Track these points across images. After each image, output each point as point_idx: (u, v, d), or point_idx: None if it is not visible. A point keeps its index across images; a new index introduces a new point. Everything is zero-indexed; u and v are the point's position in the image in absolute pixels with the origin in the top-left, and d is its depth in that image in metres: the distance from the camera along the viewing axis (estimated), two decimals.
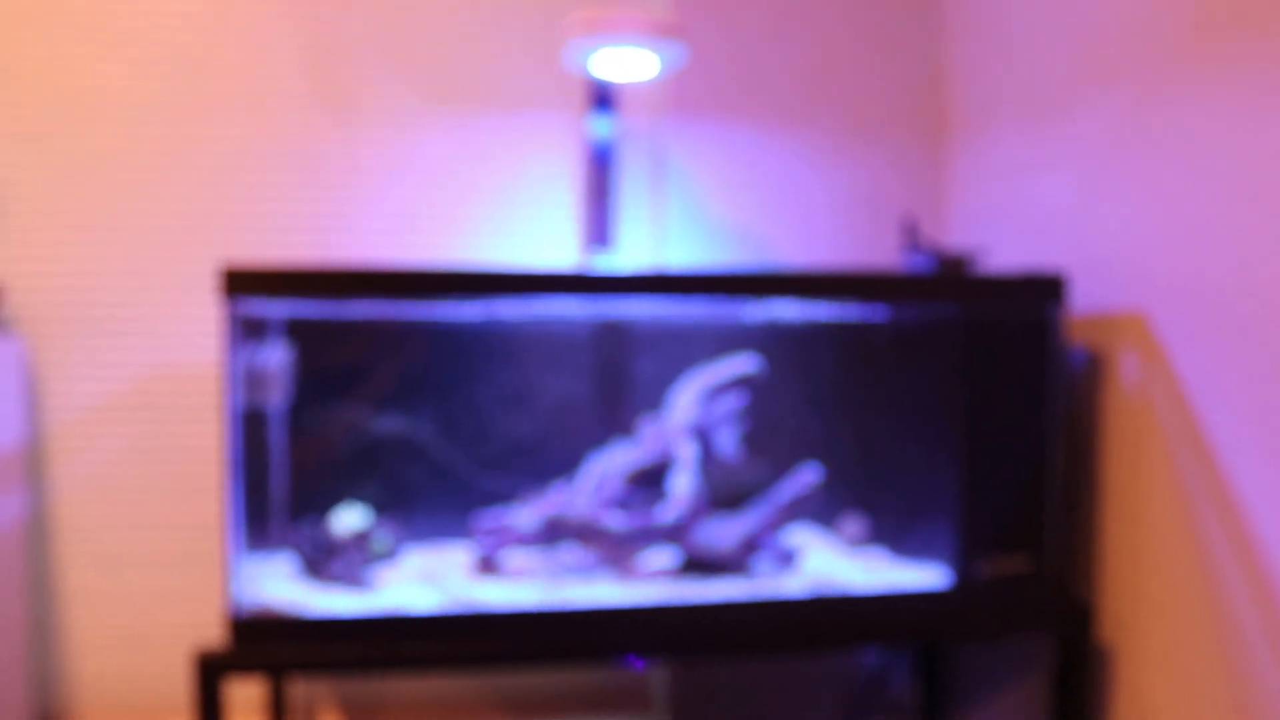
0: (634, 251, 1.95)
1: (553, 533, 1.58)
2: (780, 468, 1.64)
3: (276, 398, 1.54)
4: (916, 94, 2.07)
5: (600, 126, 1.80)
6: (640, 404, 1.73)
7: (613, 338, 1.80)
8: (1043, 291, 1.56)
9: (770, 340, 1.74)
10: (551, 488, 1.63)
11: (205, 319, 1.83)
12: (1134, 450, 1.55)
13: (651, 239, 1.98)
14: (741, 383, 1.66)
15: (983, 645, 1.94)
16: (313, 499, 1.63)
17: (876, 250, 2.03)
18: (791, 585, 1.54)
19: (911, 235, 1.71)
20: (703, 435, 1.63)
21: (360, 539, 1.57)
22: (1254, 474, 1.34)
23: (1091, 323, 1.64)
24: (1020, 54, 1.83)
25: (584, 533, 1.58)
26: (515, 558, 1.61)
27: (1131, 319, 1.55)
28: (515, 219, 1.93)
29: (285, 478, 1.61)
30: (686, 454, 1.60)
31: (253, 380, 1.51)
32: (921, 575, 1.59)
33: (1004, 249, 1.86)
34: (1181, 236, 1.45)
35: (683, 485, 1.58)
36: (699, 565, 1.59)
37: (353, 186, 1.89)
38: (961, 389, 1.55)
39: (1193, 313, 1.43)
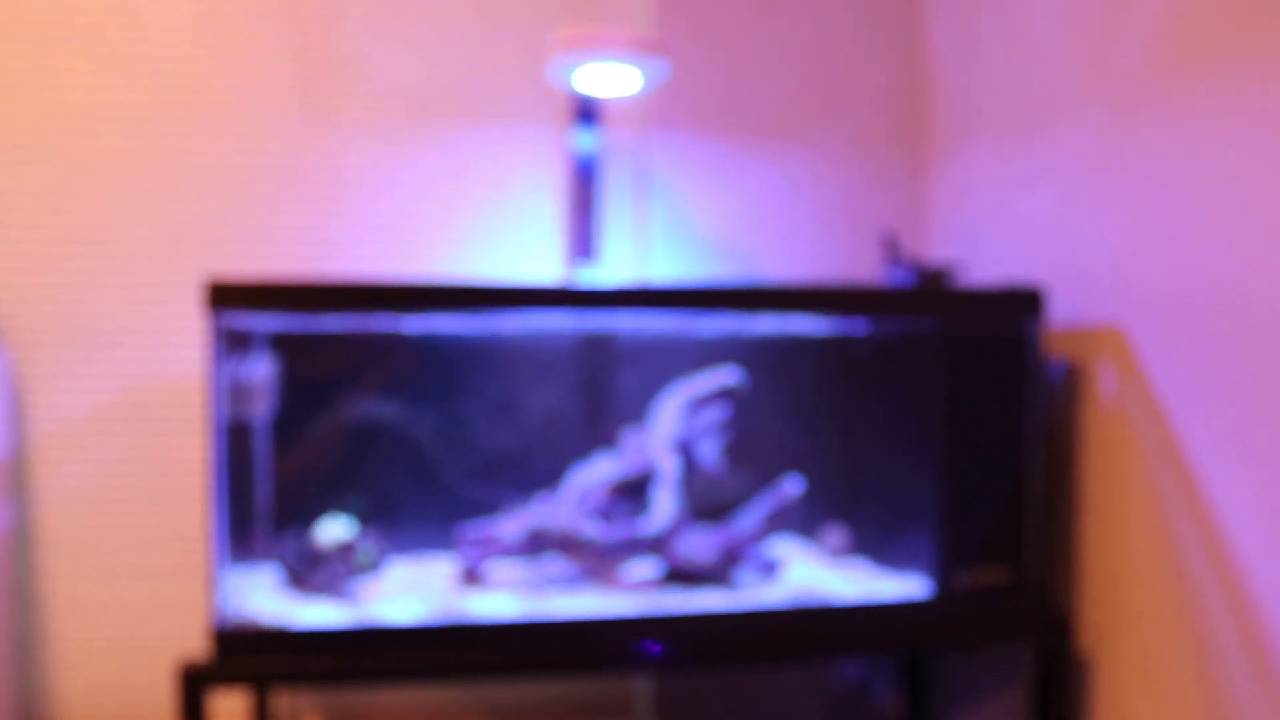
0: (617, 265, 1.97)
1: (536, 544, 1.59)
2: (762, 479, 1.66)
3: (261, 410, 1.55)
4: (898, 109, 2.09)
5: (584, 141, 1.82)
6: (623, 416, 1.74)
7: (596, 350, 1.81)
8: (1021, 305, 1.57)
9: (752, 353, 1.75)
10: (535, 499, 1.64)
11: (191, 331, 1.83)
12: (1112, 462, 1.57)
13: (635, 253, 1.99)
14: (724, 395, 1.67)
15: (964, 656, 1.95)
16: (297, 511, 1.63)
17: (858, 264, 2.05)
18: (773, 596, 1.55)
19: (892, 249, 1.72)
20: (685, 447, 1.64)
21: (345, 551, 1.57)
22: (1230, 486, 1.36)
23: (1070, 336, 1.65)
24: (1000, 71, 1.85)
25: (567, 544, 1.59)
26: (499, 569, 1.62)
27: (1109, 332, 1.56)
28: (500, 233, 1.94)
29: (270, 489, 1.61)
30: (669, 466, 1.61)
31: (238, 392, 1.51)
32: (903, 586, 1.60)
33: (984, 263, 1.88)
34: (1159, 251, 1.47)
35: (665, 497, 1.59)
36: (681, 576, 1.60)
37: (338, 200, 1.90)
38: (942, 401, 1.56)
39: (1169, 326, 1.45)
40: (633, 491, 1.62)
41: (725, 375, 1.67)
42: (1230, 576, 1.36)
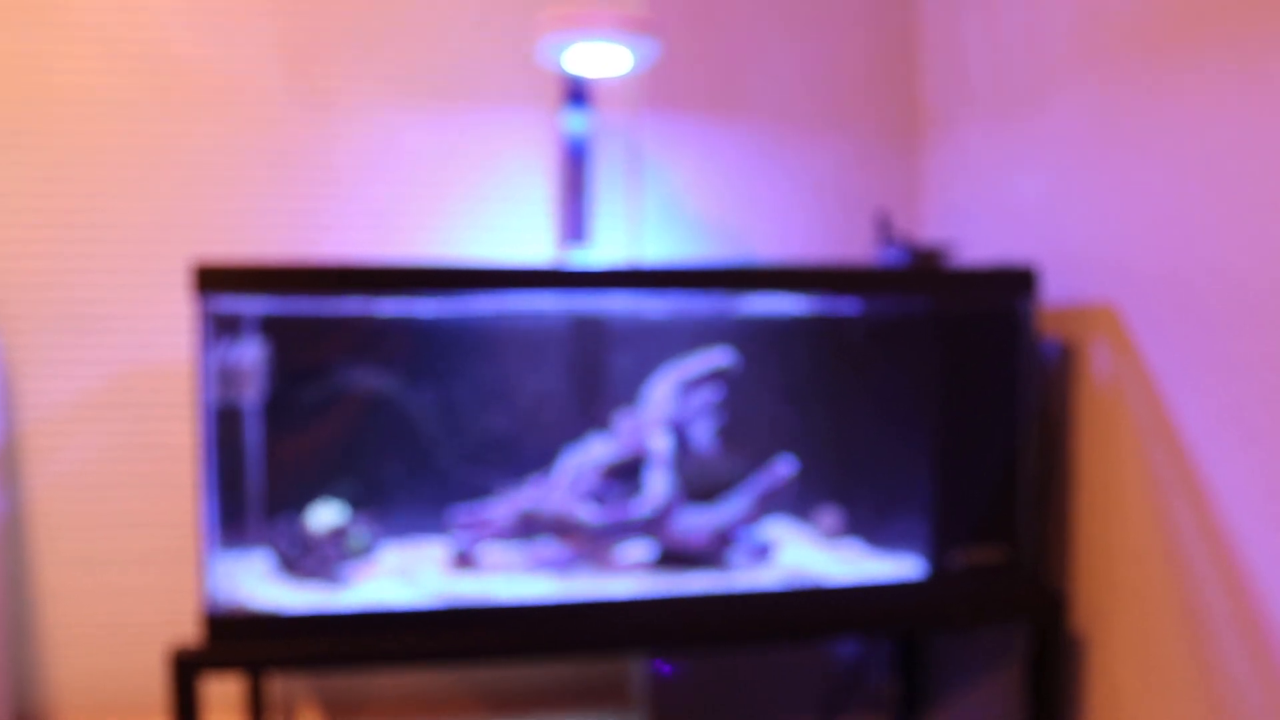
0: (609, 246, 1.96)
1: (529, 527, 1.58)
2: (755, 461, 1.65)
3: (251, 394, 1.54)
4: (890, 88, 2.08)
5: (575, 122, 1.81)
6: (616, 398, 1.73)
7: (588, 332, 1.81)
8: (1015, 284, 1.57)
9: (745, 334, 1.74)
10: (528, 482, 1.63)
11: (182, 316, 1.82)
12: (1106, 441, 1.56)
13: (627, 234, 1.98)
14: (716, 376, 1.66)
15: (958, 636, 1.95)
16: (288, 496, 1.63)
17: (850, 244, 2.04)
18: (767, 577, 1.55)
19: (885, 229, 1.72)
20: (678, 429, 1.63)
21: (336, 535, 1.57)
22: (1223, 464, 1.36)
23: (1063, 315, 1.65)
24: (994, 48, 1.84)
25: (560, 527, 1.58)
26: (492, 552, 1.61)
27: (1103, 311, 1.56)
28: (491, 215, 1.93)
29: (261, 474, 1.61)
30: (662, 448, 1.60)
31: (227, 377, 1.50)
32: (897, 566, 1.60)
33: (978, 242, 1.87)
34: (1153, 229, 1.46)
35: (658, 479, 1.58)
36: (675, 558, 1.60)
37: (328, 183, 1.89)
38: (935, 381, 1.56)
39: (1163, 305, 1.45)
40: (625, 474, 1.62)
41: (718, 356, 1.67)
42: (1224, 555, 1.36)
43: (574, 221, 1.81)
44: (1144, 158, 1.48)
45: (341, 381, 1.71)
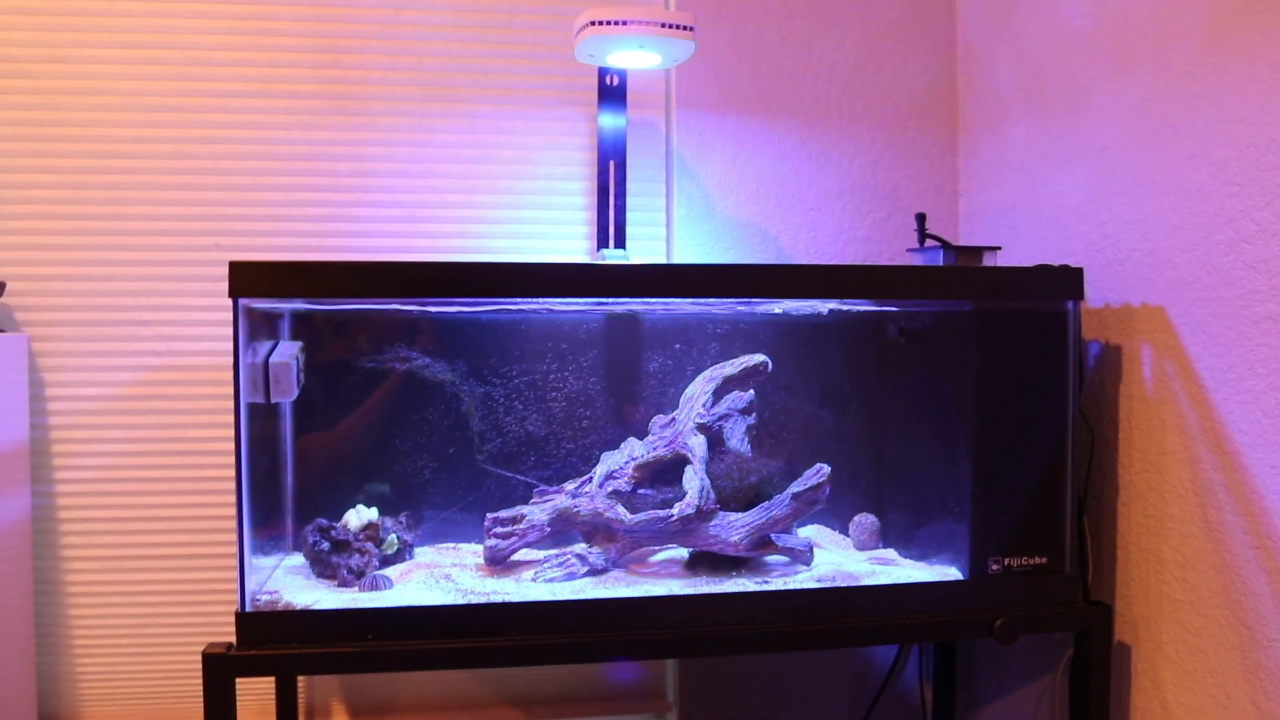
0: (644, 249, 1.94)
1: (565, 529, 1.57)
2: (792, 464, 1.63)
3: (285, 395, 1.53)
4: (930, 89, 2.06)
5: (610, 123, 1.80)
6: (652, 400, 1.72)
7: (624, 334, 1.79)
8: (1059, 285, 1.54)
9: (782, 336, 1.72)
10: (563, 484, 1.62)
11: (210, 315, 1.82)
12: (1152, 445, 1.54)
13: (662, 236, 1.97)
14: (753, 379, 1.64)
15: (1001, 645, 1.92)
16: (323, 496, 1.62)
17: (890, 246, 2.02)
18: (803, 581, 1.53)
19: (925, 231, 1.70)
20: (714, 431, 1.61)
21: (371, 536, 1.56)
22: (1274, 469, 1.33)
23: (1108, 316, 1.62)
24: (1034, 47, 1.82)
25: (596, 529, 1.57)
26: (527, 555, 1.60)
27: (1148, 312, 1.53)
28: (525, 216, 1.92)
29: (296, 475, 1.60)
30: (698, 450, 1.59)
31: (261, 377, 1.49)
32: (937, 572, 1.58)
33: (1019, 244, 1.85)
34: (1199, 229, 1.44)
35: (694, 482, 1.56)
36: (710, 561, 1.58)
37: (362, 184, 1.88)
38: (977, 384, 1.54)
39: (1210, 306, 1.42)
40: (662, 476, 1.60)
41: (754, 359, 1.65)
42: (1274, 561, 1.33)
43: (609, 223, 1.80)
44: (1189, 157, 1.46)
45: (376, 382, 1.70)
